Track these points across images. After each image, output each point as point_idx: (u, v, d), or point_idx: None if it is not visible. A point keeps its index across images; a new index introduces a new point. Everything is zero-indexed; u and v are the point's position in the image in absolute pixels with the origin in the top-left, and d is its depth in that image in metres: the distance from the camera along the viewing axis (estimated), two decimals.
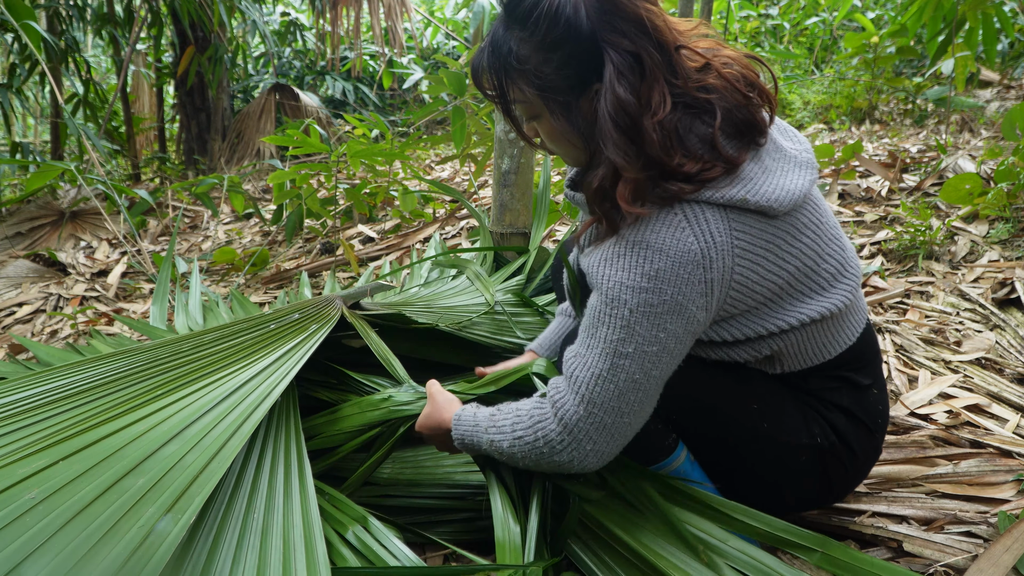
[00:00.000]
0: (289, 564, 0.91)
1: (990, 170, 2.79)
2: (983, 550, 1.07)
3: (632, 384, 0.95)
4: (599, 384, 0.95)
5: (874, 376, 1.14)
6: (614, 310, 0.93)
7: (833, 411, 1.10)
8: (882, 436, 1.15)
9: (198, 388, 1.13)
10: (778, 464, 1.08)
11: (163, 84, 6.69)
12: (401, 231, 3.52)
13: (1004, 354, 1.79)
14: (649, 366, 0.94)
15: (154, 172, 6.45)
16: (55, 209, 4.35)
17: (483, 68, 1.03)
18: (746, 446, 1.08)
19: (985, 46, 3.43)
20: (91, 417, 1.04)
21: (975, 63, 3.94)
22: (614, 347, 0.94)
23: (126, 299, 3.21)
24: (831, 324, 1.06)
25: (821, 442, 1.08)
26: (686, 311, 0.93)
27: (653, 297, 0.92)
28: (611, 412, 0.96)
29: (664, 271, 0.91)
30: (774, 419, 1.07)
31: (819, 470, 1.09)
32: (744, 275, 0.96)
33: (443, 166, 4.96)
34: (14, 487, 0.85)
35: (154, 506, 0.85)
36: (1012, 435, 1.43)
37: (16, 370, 1.84)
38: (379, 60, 7.15)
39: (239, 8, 5.51)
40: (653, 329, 0.92)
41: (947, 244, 2.43)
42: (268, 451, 1.10)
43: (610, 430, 0.97)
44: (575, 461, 0.99)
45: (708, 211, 0.93)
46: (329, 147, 3.42)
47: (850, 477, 1.13)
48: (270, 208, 4.25)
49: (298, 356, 1.25)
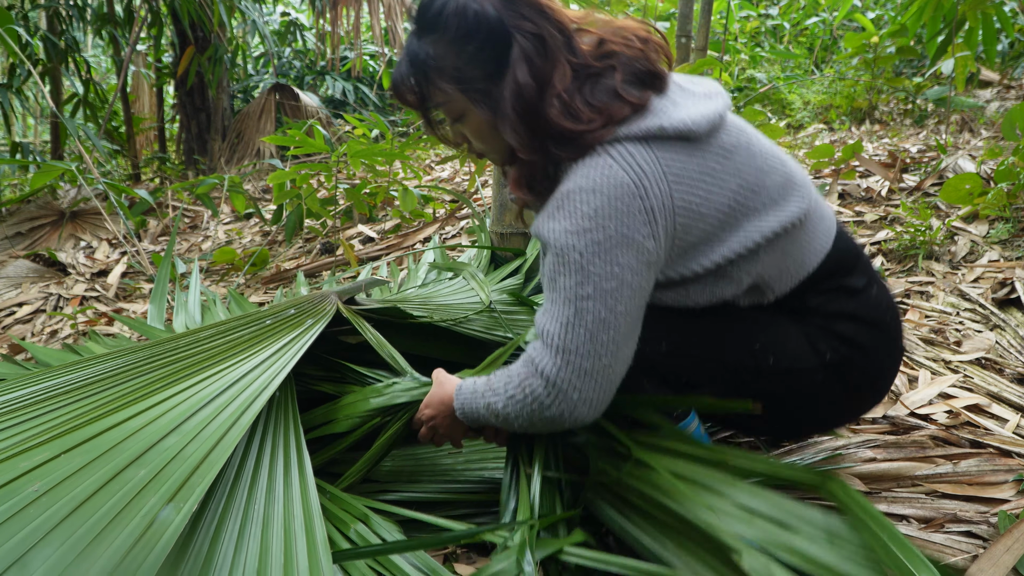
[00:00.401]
0: (291, 552, 0.92)
1: (990, 170, 2.79)
2: (983, 550, 1.07)
3: (600, 323, 0.96)
4: (568, 331, 0.97)
5: (868, 276, 1.14)
6: (565, 257, 0.96)
7: (837, 321, 1.10)
8: (897, 330, 1.15)
9: (196, 382, 1.14)
10: (795, 393, 1.09)
11: (163, 84, 6.70)
12: (401, 231, 3.52)
13: (1004, 354, 1.79)
14: (612, 302, 0.96)
15: (154, 172, 6.46)
16: (55, 209, 4.35)
17: (402, 78, 1.08)
18: (760, 385, 1.09)
19: (985, 46, 3.44)
20: (91, 411, 1.05)
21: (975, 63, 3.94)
22: (574, 292, 0.96)
23: (126, 299, 3.21)
24: (798, 236, 1.07)
25: (832, 357, 1.08)
26: (633, 242, 0.95)
27: (598, 234, 0.94)
28: (587, 356, 0.97)
29: (602, 208, 0.94)
30: (779, 351, 1.08)
31: (839, 386, 1.10)
32: (685, 199, 0.98)
33: (443, 166, 4.96)
34: (17, 480, 0.86)
35: (156, 496, 0.86)
36: (1012, 435, 1.43)
37: (14, 371, 1.84)
38: (379, 60, 7.15)
39: (239, 8, 5.51)
40: (606, 265, 0.95)
41: (947, 244, 2.43)
42: (268, 444, 1.12)
43: (592, 375, 0.98)
44: (565, 413, 1.00)
45: (629, 145, 0.97)
46: (329, 147, 3.43)
47: (875, 381, 1.13)
48: (270, 208, 4.25)
49: (295, 350, 1.26)
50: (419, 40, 1.04)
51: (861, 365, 1.10)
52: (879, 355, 1.12)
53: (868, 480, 1.31)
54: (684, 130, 0.98)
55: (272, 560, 0.91)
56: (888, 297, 1.16)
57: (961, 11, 3.35)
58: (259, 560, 0.91)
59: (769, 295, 1.10)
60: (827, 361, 1.08)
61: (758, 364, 1.08)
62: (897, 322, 1.15)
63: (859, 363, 1.10)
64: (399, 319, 1.48)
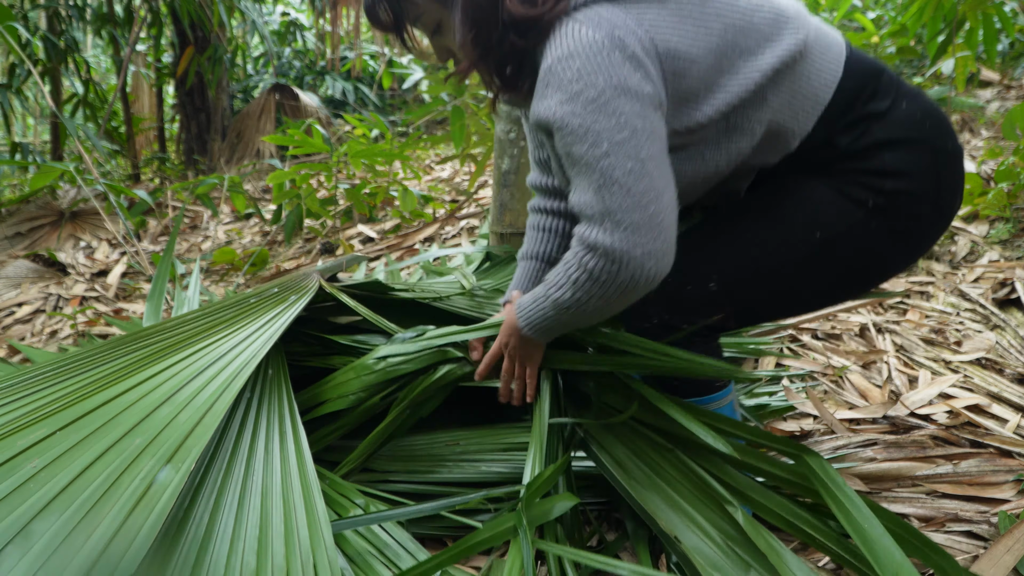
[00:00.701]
0: (291, 521, 0.94)
1: (990, 170, 2.79)
2: (983, 550, 1.07)
3: (630, 174, 0.93)
4: (603, 194, 0.94)
5: (893, 93, 1.06)
6: (568, 127, 0.95)
7: (871, 158, 1.04)
8: (940, 135, 1.06)
9: (186, 356, 1.16)
10: (855, 254, 1.06)
11: (163, 84, 6.69)
12: (401, 231, 3.52)
13: (1004, 354, 1.79)
14: (633, 151, 0.93)
15: (154, 172, 6.45)
16: (55, 209, 4.35)
17: (375, 1, 1.06)
18: (817, 268, 1.07)
19: (985, 46, 3.43)
20: (84, 388, 1.07)
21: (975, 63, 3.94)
22: (592, 156, 0.94)
23: (126, 299, 3.21)
24: (802, 70, 1.02)
25: (874, 202, 1.04)
26: (628, 89, 0.93)
27: (590, 92, 0.92)
28: (632, 209, 0.93)
29: (584, 67, 0.92)
30: (822, 222, 1.05)
31: (888, 226, 1.05)
32: (668, 45, 0.95)
33: (443, 166, 4.96)
34: (16, 457, 0.88)
35: (153, 459, 0.88)
36: (1012, 435, 1.43)
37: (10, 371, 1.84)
38: (379, 60, 7.15)
39: (239, 8, 5.51)
40: (610, 118, 0.93)
41: (947, 244, 2.43)
42: (263, 419, 1.14)
43: (645, 227, 0.93)
44: (637, 273, 0.95)
45: (595, 7, 0.96)
46: (329, 147, 3.42)
47: (929, 203, 1.05)
48: (270, 208, 4.25)
49: (281, 322, 1.28)
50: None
51: (909, 192, 1.04)
52: (924, 175, 1.04)
53: (868, 480, 1.30)
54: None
55: (272, 530, 0.93)
56: (922, 104, 1.07)
57: (961, 11, 3.35)
58: (259, 529, 0.93)
59: (791, 140, 1.06)
60: (871, 206, 1.03)
61: (809, 247, 1.04)
62: (939, 127, 1.06)
63: (907, 191, 1.03)
64: (380, 294, 1.49)
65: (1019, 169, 2.46)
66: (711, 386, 1.13)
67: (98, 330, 2.64)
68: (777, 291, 1.10)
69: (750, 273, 1.07)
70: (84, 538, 0.77)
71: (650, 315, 1.08)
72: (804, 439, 1.50)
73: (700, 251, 1.09)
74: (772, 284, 1.08)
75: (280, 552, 0.91)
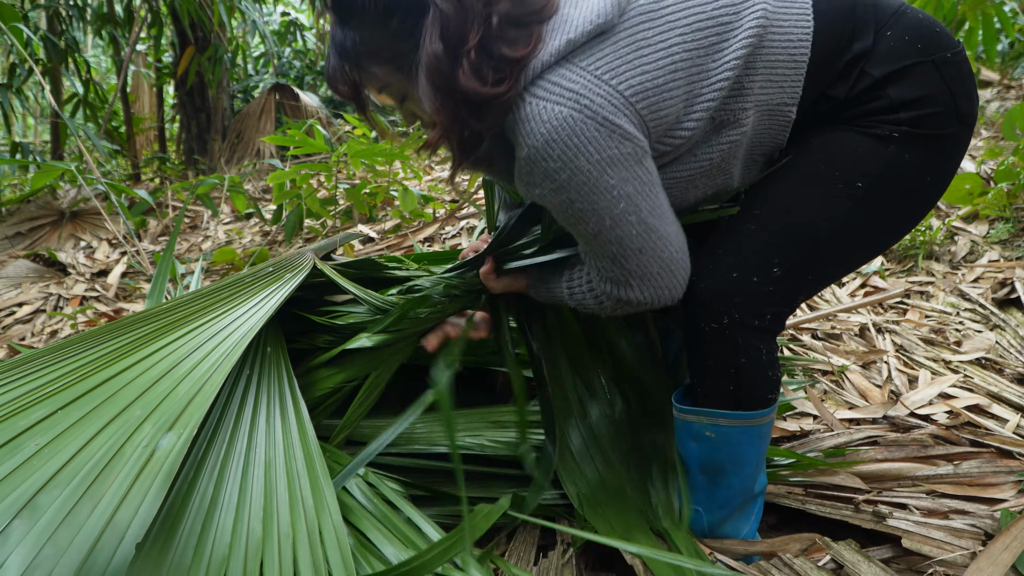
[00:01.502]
0: (295, 490, 0.97)
1: (990, 170, 2.79)
2: (982, 547, 1.07)
3: (638, 237, 0.97)
4: (620, 262, 0.99)
5: (873, 24, 1.01)
6: (568, 212, 0.97)
7: (877, 97, 1.00)
8: (937, 50, 1.00)
9: (184, 333, 1.17)
10: (900, 192, 1.03)
11: (163, 84, 6.69)
12: (401, 231, 3.52)
13: (1004, 354, 1.79)
14: (633, 215, 0.96)
15: (154, 172, 6.45)
16: (55, 209, 4.35)
17: (334, 71, 1.05)
18: (867, 214, 1.04)
19: (985, 46, 3.43)
20: (83, 368, 1.07)
21: (975, 63, 3.94)
22: (596, 231, 0.97)
23: (126, 299, 3.21)
24: (772, 38, 0.99)
25: (896, 132, 1.00)
26: (612, 158, 0.93)
27: (578, 178, 0.93)
28: (650, 263, 1.00)
29: (563, 154, 0.92)
30: (863, 170, 1.01)
31: (921, 153, 1.01)
32: (635, 86, 0.93)
33: (443, 166, 4.96)
34: (18, 437, 0.89)
35: (155, 427, 0.89)
36: (1012, 435, 1.43)
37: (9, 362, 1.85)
38: None
39: (239, 8, 5.51)
40: (605, 195, 0.94)
41: (947, 244, 2.43)
42: (263, 394, 1.16)
43: (665, 271, 1.01)
44: (664, 301, 1.04)
45: (549, 77, 0.93)
46: (329, 147, 3.43)
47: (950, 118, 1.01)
48: (270, 208, 4.25)
49: (277, 298, 1.29)
50: (342, 29, 1.01)
51: (926, 115, 1.00)
52: (935, 94, 1.00)
53: (868, 479, 1.31)
54: (595, 27, 0.93)
55: (277, 498, 0.95)
56: (905, 25, 1.01)
57: (961, 11, 3.35)
58: (264, 498, 0.95)
59: (788, 111, 1.02)
60: (899, 139, 1.00)
61: (855, 200, 1.02)
62: (932, 40, 1.01)
63: (924, 116, 1.00)
64: (374, 272, 1.50)
65: (1019, 169, 2.46)
66: (763, 400, 1.07)
67: None
68: (836, 255, 1.07)
69: (809, 245, 1.04)
70: (90, 508, 0.77)
71: (720, 315, 1.04)
72: (804, 439, 1.50)
73: (753, 242, 1.05)
74: (831, 249, 1.05)
75: (286, 519, 0.92)
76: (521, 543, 1.17)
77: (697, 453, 1.12)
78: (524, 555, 1.13)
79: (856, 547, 1.07)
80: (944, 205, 2.70)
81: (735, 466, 1.09)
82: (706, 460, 1.11)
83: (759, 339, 1.05)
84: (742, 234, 1.06)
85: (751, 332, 1.04)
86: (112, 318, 2.82)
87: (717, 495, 1.12)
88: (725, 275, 1.04)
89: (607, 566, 1.17)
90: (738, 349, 1.04)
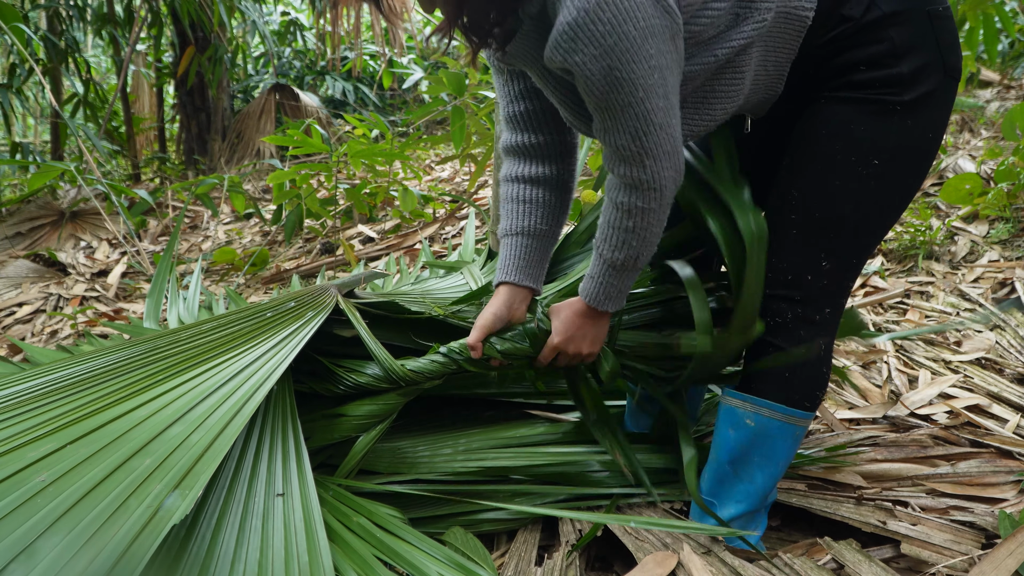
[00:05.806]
0: (291, 545, 0.95)
1: (990, 170, 2.79)
2: (983, 550, 1.07)
3: (662, 111, 0.98)
4: (642, 137, 0.99)
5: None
6: (607, 80, 0.95)
7: (879, 37, 1.04)
8: (930, 3, 1.05)
9: (199, 373, 1.15)
10: (912, 157, 1.08)
11: (163, 84, 6.69)
12: (401, 231, 3.52)
13: (1004, 354, 1.79)
14: (662, 89, 0.97)
15: (154, 172, 6.45)
16: (55, 209, 4.35)
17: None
18: (893, 187, 1.09)
19: (986, 46, 3.43)
20: (95, 402, 1.06)
21: (975, 63, 3.94)
22: (628, 102, 0.97)
23: (126, 299, 3.21)
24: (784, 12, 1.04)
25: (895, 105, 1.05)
26: (655, 30, 0.94)
27: (624, 44, 0.93)
28: (665, 140, 1.00)
29: (615, 19, 0.92)
30: (879, 147, 1.06)
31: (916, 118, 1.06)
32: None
33: (443, 166, 4.96)
34: (24, 470, 0.88)
35: (161, 483, 0.88)
36: (1012, 435, 1.43)
37: (10, 370, 1.84)
38: (379, 60, 7.14)
39: (239, 8, 5.51)
40: (642, 64, 0.94)
41: (947, 244, 2.43)
42: (267, 439, 1.14)
43: (673, 150, 1.02)
44: (669, 188, 1.05)
45: None
46: (329, 147, 3.42)
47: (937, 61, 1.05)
48: (270, 208, 4.25)
49: (295, 342, 1.27)
50: None
51: (920, 66, 1.04)
52: (927, 43, 1.04)
53: (869, 479, 1.31)
54: None
55: (273, 553, 0.93)
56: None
57: (961, 11, 3.35)
58: (260, 553, 0.93)
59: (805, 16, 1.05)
60: (899, 110, 1.05)
61: (879, 177, 1.06)
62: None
63: (918, 67, 1.04)
64: (395, 313, 1.49)
65: (1019, 169, 2.46)
66: (811, 407, 1.14)
67: (98, 330, 2.64)
68: (873, 231, 1.12)
69: (850, 234, 1.10)
70: (88, 561, 0.76)
71: (783, 311, 1.12)
72: (805, 438, 1.50)
73: (797, 244, 1.11)
74: (867, 229, 1.11)
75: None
76: (522, 544, 1.17)
77: (732, 441, 1.15)
78: (526, 556, 1.13)
79: (857, 547, 1.07)
80: (944, 205, 2.70)
81: (763, 461, 1.13)
82: (738, 450, 1.15)
83: (819, 333, 1.12)
84: (787, 240, 1.13)
85: (812, 327, 1.11)
86: (112, 318, 2.83)
87: (737, 489, 1.15)
88: (781, 280, 1.12)
89: (607, 566, 1.17)
90: (799, 342, 1.11)
